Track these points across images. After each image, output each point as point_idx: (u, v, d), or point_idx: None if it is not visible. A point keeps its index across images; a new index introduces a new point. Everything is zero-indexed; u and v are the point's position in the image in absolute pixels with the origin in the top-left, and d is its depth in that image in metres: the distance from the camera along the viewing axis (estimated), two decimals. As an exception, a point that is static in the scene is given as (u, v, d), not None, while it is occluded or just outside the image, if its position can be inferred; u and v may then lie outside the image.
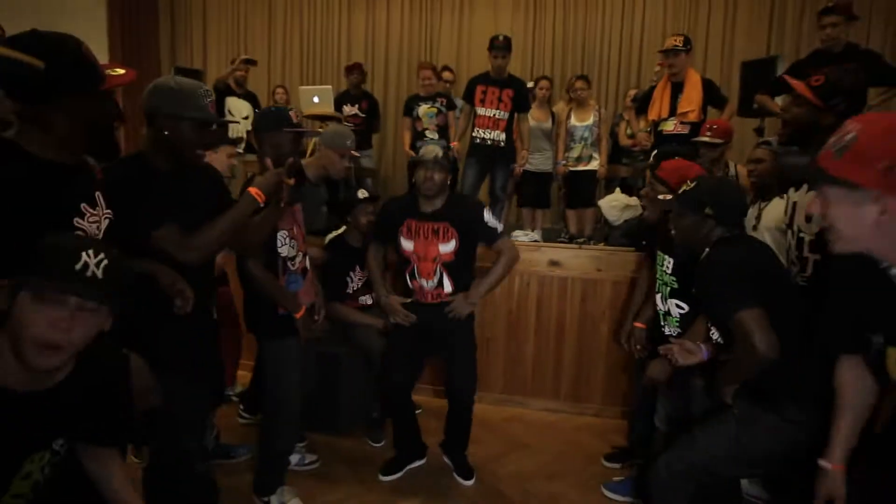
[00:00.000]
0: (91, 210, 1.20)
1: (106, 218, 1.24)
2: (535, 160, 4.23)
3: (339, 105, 4.65)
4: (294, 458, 2.36)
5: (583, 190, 4.22)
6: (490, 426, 2.89)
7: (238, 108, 4.32)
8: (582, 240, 3.63)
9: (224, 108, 4.15)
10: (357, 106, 4.68)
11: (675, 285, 1.90)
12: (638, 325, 2.27)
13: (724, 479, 1.59)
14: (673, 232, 1.65)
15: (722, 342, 1.58)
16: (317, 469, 2.38)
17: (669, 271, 1.92)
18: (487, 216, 2.23)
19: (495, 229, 2.25)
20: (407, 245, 2.21)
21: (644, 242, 2.47)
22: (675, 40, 3.34)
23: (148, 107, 1.43)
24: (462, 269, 2.25)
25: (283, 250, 1.91)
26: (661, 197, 1.89)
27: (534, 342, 3.14)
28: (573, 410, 3.10)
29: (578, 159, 4.19)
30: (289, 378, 1.96)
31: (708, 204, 1.53)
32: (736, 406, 1.49)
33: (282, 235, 1.89)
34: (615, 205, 3.95)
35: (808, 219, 1.66)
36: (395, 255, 2.37)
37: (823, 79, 1.63)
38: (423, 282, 2.23)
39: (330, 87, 4.32)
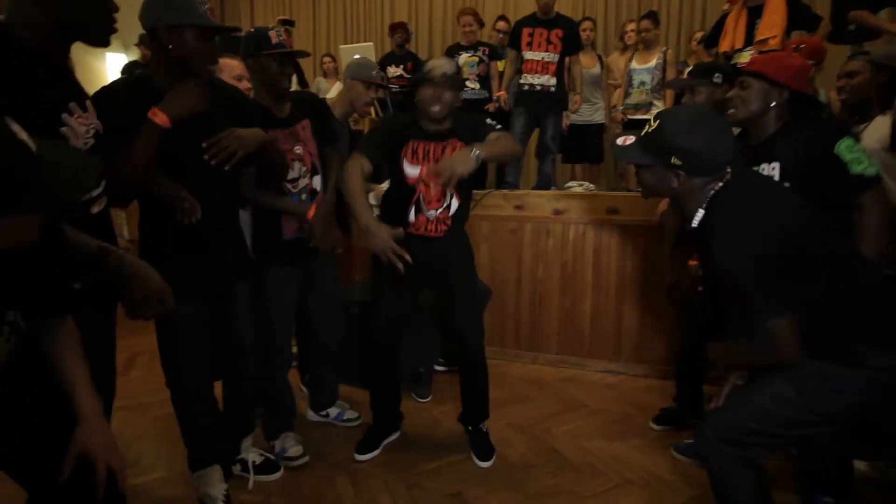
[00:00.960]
0: (80, 111, 1.12)
1: (93, 128, 1.17)
2: (583, 110, 3.88)
3: (383, 67, 4.47)
4: (333, 412, 2.27)
5: (643, 141, 3.84)
6: (543, 386, 2.67)
7: (282, 73, 4.27)
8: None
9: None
10: (402, 67, 4.50)
11: None
12: (693, 262, 1.96)
13: (786, 441, 1.33)
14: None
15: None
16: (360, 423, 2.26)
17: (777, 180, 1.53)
18: (489, 119, 1.89)
19: (495, 124, 1.86)
20: (411, 171, 1.79)
21: None
22: None
23: (146, 23, 1.35)
24: (468, 186, 1.90)
25: None
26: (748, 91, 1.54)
27: (591, 298, 2.87)
28: (636, 373, 2.81)
29: (637, 106, 3.80)
30: (283, 310, 1.91)
31: (674, 151, 1.16)
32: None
33: None
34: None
35: None
36: (389, 190, 1.94)
37: None
38: (429, 213, 1.83)
39: (371, 44, 4.17)
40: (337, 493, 1.80)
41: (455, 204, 1.84)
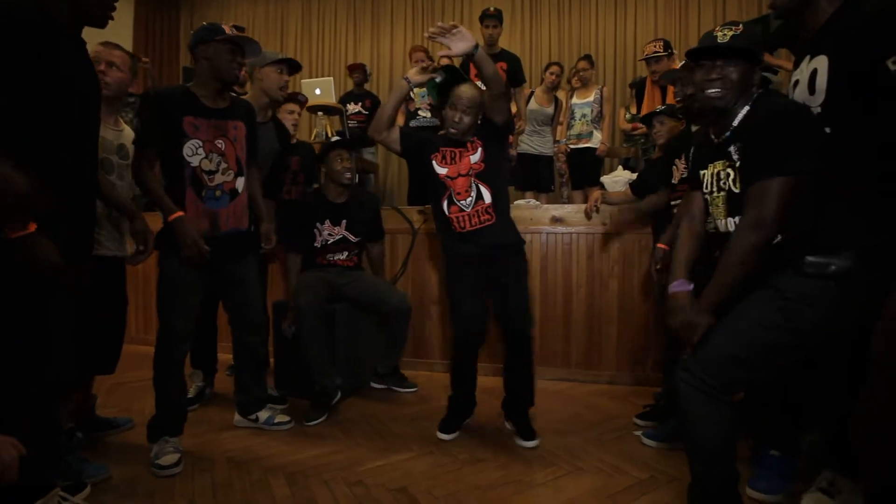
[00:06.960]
0: None
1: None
2: (535, 142, 4.00)
3: (343, 104, 4.51)
4: (263, 416, 2.06)
5: (586, 168, 3.96)
6: (494, 393, 2.49)
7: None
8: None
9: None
10: (360, 104, 4.55)
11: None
12: (660, 245, 1.97)
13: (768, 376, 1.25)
14: (710, 91, 1.24)
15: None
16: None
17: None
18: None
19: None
20: (441, 170, 1.92)
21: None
22: (655, 46, 3.15)
23: None
24: (494, 176, 1.92)
25: (194, 160, 1.73)
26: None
27: (540, 306, 2.80)
28: (585, 378, 2.72)
29: (579, 136, 3.94)
30: (167, 301, 1.74)
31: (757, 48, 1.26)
32: (780, 286, 1.17)
33: (193, 144, 1.71)
34: (618, 179, 3.66)
35: None
36: (428, 187, 2.01)
37: None
38: (461, 203, 1.90)
39: (331, 78, 4.19)
40: (272, 496, 1.58)
41: (487, 194, 1.89)
